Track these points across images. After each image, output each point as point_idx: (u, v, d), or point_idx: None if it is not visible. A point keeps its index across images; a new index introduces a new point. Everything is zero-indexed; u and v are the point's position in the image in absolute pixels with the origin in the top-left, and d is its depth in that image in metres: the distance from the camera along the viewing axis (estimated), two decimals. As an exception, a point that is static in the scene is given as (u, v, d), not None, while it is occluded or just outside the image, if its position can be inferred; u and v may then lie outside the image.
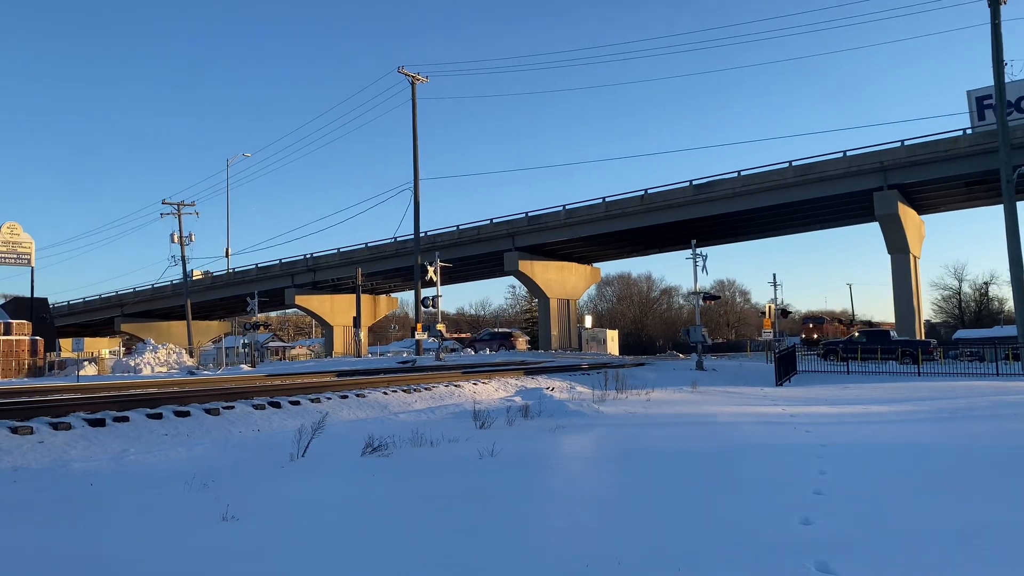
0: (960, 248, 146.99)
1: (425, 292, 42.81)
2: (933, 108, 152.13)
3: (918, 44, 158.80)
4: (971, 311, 74.59)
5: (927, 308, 73.62)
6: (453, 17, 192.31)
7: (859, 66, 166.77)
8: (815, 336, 60.12)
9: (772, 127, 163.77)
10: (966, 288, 76.88)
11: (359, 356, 50.29)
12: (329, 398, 14.44)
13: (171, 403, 12.34)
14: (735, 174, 44.29)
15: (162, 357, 41.86)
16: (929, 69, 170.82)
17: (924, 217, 45.71)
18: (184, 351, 45.25)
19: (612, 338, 57.68)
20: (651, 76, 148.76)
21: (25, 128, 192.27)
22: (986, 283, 76.33)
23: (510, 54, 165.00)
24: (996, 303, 75.85)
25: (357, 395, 15.19)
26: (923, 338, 39.88)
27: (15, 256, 47.52)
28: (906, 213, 40.41)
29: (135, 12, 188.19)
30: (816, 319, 67.74)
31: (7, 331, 40.58)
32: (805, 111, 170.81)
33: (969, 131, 37.48)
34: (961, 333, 46.07)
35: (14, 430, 9.27)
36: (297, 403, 13.44)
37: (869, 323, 73.53)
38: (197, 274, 70.09)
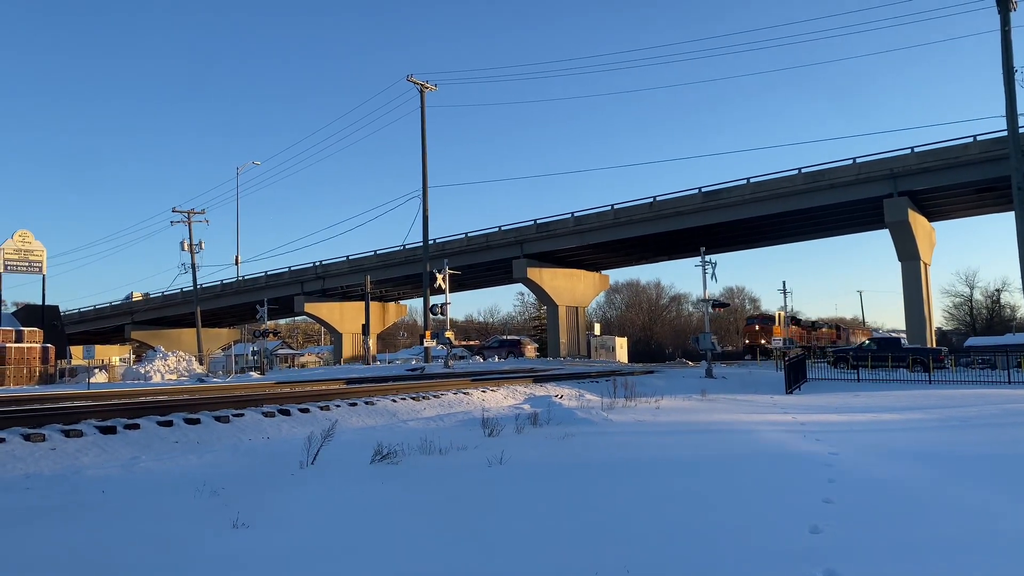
0: (971, 255, 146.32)
1: (434, 299, 42.93)
2: (942, 115, 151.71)
3: (927, 51, 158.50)
4: (983, 318, 74.09)
5: (938, 315, 73.11)
6: (462, 25, 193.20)
7: (868, 73, 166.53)
8: (761, 340, 51.01)
9: (780, 135, 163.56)
10: (977, 295, 76.45)
11: (368, 363, 50.37)
12: (338, 405, 14.47)
13: (181, 411, 12.40)
14: (744, 181, 44.27)
15: (172, 364, 42.03)
16: (938, 76, 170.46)
17: (935, 224, 45.52)
18: (194, 358, 45.44)
19: (621, 345, 57.58)
20: (659, 84, 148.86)
21: (35, 136, 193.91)
22: (998, 290, 75.84)
23: (519, 62, 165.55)
24: (1008, 310, 75.38)
25: (366, 402, 15.22)
26: (934, 345, 39.66)
27: (27, 264, 47.84)
28: (916, 220, 40.27)
29: (145, 20, 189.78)
30: (762, 319, 55.69)
31: (19, 339, 40.85)
32: (813, 119, 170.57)
33: (979, 138, 37.38)
34: (972, 340, 45.70)
35: (27, 437, 9.34)
36: (306, 410, 13.48)
37: (837, 327, 66.96)
38: (136, 295, 70.47)
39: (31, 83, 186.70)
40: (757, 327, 53.47)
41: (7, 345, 39.63)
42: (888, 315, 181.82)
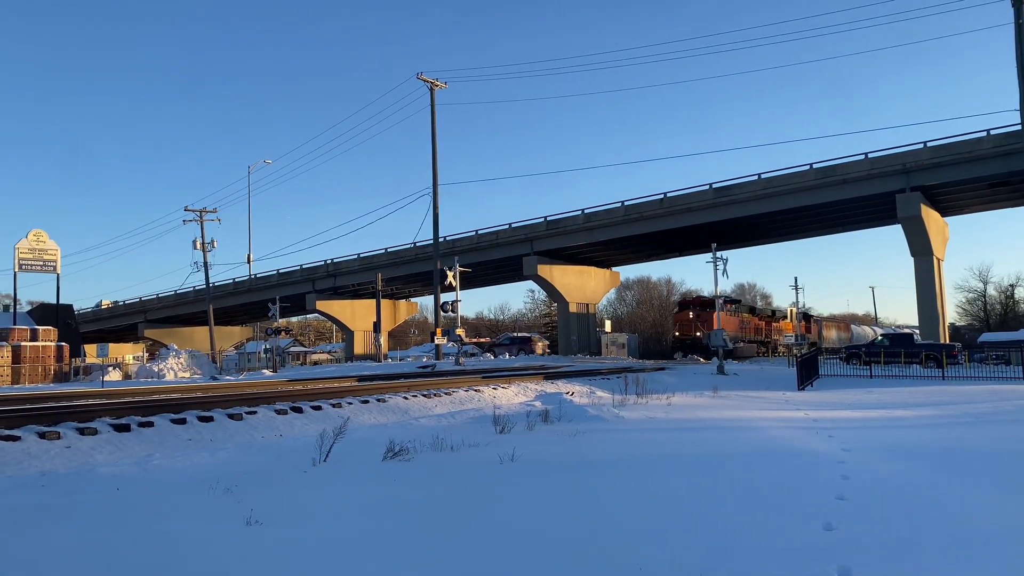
0: (985, 250, 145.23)
1: (444, 297, 42.96)
2: (955, 111, 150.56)
3: (940, 45, 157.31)
4: (996, 314, 73.46)
5: (951, 311, 72.59)
6: (471, 23, 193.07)
7: (878, 69, 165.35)
8: (696, 332, 41.66)
9: (790, 131, 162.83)
10: (991, 290, 75.75)
11: (379, 361, 50.49)
12: (350, 403, 14.52)
13: (195, 409, 12.48)
14: (755, 177, 44.05)
15: (185, 362, 42.26)
16: (951, 71, 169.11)
17: (948, 219, 45.18)
18: (207, 356, 45.66)
19: (631, 342, 57.45)
20: (668, 80, 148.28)
21: (47, 136, 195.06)
22: (1012, 285, 75.17)
23: (528, 59, 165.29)
24: (1022, 306, 74.68)
25: (378, 400, 15.26)
26: (947, 341, 39.41)
27: (41, 263, 48.17)
28: (929, 215, 39.99)
29: (157, 18, 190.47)
30: (699, 304, 43.70)
31: (33, 337, 41.12)
32: (823, 115, 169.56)
33: (993, 132, 37.08)
34: (986, 336, 45.35)
35: (42, 435, 9.42)
36: (319, 408, 13.54)
37: (806, 317, 58.45)
38: (106, 303, 69.74)
39: (42, 82, 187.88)
40: (691, 314, 42.89)
41: (22, 344, 39.91)
42: (901, 311, 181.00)
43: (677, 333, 42.45)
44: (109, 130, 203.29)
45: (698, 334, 41.21)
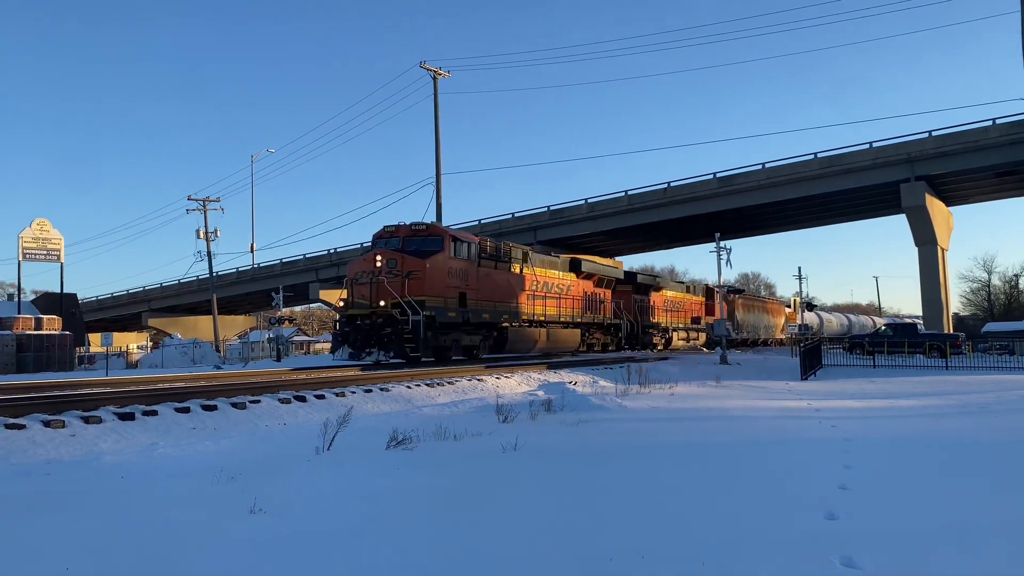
0: (990, 239, 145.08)
1: (448, 286, 42.87)
2: (960, 100, 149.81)
3: (944, 34, 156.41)
4: (1000, 304, 73.32)
5: (955, 301, 72.40)
6: (476, 12, 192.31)
7: (883, 58, 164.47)
8: (381, 299, 21.77)
9: (794, 121, 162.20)
10: (995, 280, 75.66)
11: (382, 350, 50.44)
12: (353, 392, 14.53)
13: (198, 397, 12.49)
14: (759, 166, 43.95)
15: (189, 351, 42.36)
16: (956, 60, 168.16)
17: (953, 208, 45.04)
18: (210, 345, 45.73)
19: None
20: (671, 69, 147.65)
21: (50, 127, 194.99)
22: (1016, 275, 75.08)
23: (530, 48, 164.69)
24: (1027, 296, 74.55)
25: (381, 389, 15.27)
26: (951, 331, 39.35)
27: (45, 252, 48.25)
28: (934, 205, 39.86)
29: (159, 9, 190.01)
30: (401, 236, 23.20)
31: (38, 326, 41.25)
32: (828, 105, 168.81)
33: (999, 121, 36.88)
34: (990, 326, 45.26)
35: (47, 424, 9.44)
36: (322, 397, 13.55)
37: (632, 275, 38.41)
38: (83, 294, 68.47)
39: (43, 70, 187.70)
40: (379, 260, 22.24)
41: (27, 332, 40.04)
42: (905, 300, 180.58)
43: (345, 298, 23.39)
44: (112, 120, 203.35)
45: (383, 302, 21.67)
